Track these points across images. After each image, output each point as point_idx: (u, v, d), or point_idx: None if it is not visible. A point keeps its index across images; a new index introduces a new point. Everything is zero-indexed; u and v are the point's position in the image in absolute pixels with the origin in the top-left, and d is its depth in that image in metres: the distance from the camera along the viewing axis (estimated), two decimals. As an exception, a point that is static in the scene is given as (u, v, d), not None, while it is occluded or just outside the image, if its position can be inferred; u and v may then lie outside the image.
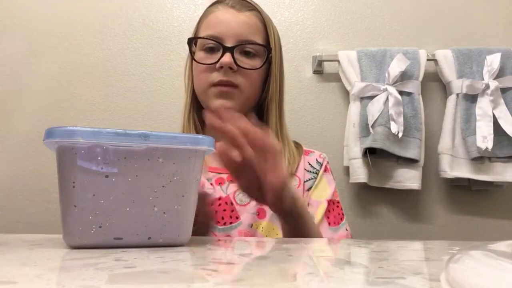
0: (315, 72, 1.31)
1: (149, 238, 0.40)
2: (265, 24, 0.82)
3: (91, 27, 1.32)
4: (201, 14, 1.34)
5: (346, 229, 0.81)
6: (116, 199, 0.38)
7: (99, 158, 0.37)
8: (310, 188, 0.81)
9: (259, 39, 0.80)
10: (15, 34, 1.31)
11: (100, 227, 0.38)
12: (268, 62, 0.81)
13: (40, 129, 1.29)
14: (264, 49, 0.80)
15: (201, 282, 0.24)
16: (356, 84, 1.21)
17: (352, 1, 1.33)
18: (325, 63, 1.29)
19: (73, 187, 0.37)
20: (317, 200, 0.80)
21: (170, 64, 1.31)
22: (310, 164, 0.84)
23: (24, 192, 1.26)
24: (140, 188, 0.39)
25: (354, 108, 1.22)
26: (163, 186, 0.40)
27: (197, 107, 0.84)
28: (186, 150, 0.40)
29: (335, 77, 1.30)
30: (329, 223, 0.79)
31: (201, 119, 0.84)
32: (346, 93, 1.28)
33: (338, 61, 1.26)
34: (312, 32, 1.32)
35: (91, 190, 0.38)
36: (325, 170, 0.85)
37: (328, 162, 0.87)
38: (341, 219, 0.81)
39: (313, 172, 0.83)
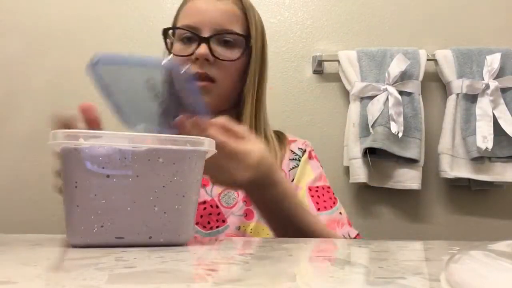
0: (315, 72, 1.31)
1: (150, 237, 0.40)
2: (245, 11, 0.77)
3: (91, 27, 1.32)
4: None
5: (340, 213, 0.75)
6: (117, 199, 0.39)
7: (100, 158, 0.38)
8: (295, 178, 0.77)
9: (238, 28, 0.75)
10: (15, 34, 1.31)
11: (102, 226, 0.38)
12: (248, 52, 0.76)
13: (40, 129, 1.28)
14: (243, 38, 0.75)
15: (201, 282, 0.24)
16: (356, 84, 1.21)
17: (352, 1, 1.33)
18: (325, 63, 1.29)
19: (76, 187, 0.38)
20: (297, 186, 0.76)
21: (170, 64, 1.31)
22: (293, 152, 0.80)
23: (24, 192, 1.26)
24: (141, 188, 0.39)
25: (354, 108, 1.22)
26: (163, 186, 0.40)
27: None
28: (186, 150, 0.41)
29: (335, 77, 1.30)
30: (318, 209, 0.74)
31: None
32: (346, 93, 1.28)
33: (338, 61, 1.26)
34: (312, 32, 1.32)
35: (93, 190, 0.38)
36: (309, 157, 0.81)
37: (312, 150, 0.83)
38: (334, 203, 0.76)
39: (296, 160, 0.79)
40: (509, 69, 1.21)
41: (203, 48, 0.71)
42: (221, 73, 0.73)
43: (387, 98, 1.17)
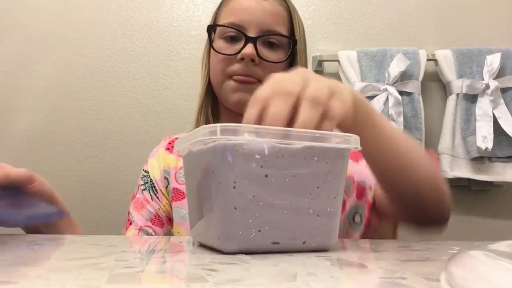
0: (315, 72, 1.31)
1: (304, 242, 0.37)
2: (290, 12, 0.76)
3: (91, 27, 1.32)
4: (200, 13, 1.34)
5: None
6: (275, 200, 0.36)
7: (259, 156, 0.35)
8: None
9: (283, 30, 0.74)
10: (15, 34, 1.31)
11: (259, 231, 0.35)
12: (291, 54, 0.76)
13: (40, 129, 1.29)
14: (289, 40, 0.75)
15: (201, 282, 0.24)
16: (356, 84, 1.21)
17: (352, 1, 1.33)
18: (325, 63, 1.29)
19: (234, 187, 0.35)
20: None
21: (170, 64, 1.31)
22: None
23: (24, 192, 1.26)
24: (297, 189, 0.37)
25: (354, 108, 1.22)
26: (317, 187, 0.37)
27: (212, 100, 0.80)
28: (338, 149, 0.38)
29: (335, 77, 1.29)
30: None
31: (215, 114, 0.80)
32: (346, 93, 1.28)
33: (338, 61, 1.26)
34: (312, 32, 1.32)
35: (251, 191, 0.35)
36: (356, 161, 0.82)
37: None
38: None
39: None
40: (509, 69, 1.21)
41: (249, 49, 0.70)
42: (265, 73, 0.72)
43: (387, 98, 1.17)
